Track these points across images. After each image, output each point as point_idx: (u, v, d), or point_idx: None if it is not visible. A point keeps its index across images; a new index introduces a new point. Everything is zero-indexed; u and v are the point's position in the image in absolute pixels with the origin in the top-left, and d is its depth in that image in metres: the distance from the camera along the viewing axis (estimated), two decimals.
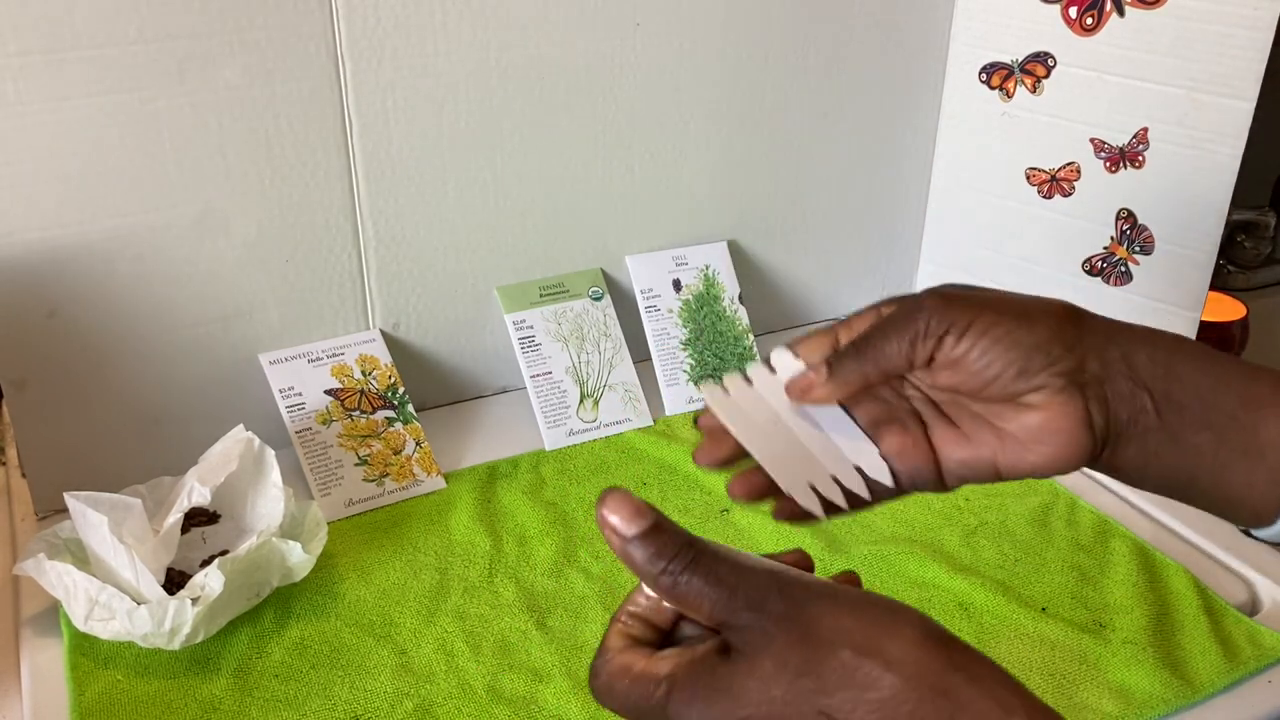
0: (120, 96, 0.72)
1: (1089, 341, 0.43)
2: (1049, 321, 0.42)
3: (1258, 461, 0.42)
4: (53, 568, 0.65)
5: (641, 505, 0.37)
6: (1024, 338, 0.42)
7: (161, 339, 0.80)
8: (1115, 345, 0.43)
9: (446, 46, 0.82)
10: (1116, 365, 0.42)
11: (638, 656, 0.38)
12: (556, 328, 0.92)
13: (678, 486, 0.84)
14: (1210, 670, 0.66)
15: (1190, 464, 0.43)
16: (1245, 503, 0.43)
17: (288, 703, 0.63)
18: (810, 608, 0.36)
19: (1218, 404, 0.42)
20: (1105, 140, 0.93)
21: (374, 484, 0.82)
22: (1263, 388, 0.43)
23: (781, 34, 0.95)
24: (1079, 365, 0.42)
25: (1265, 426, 0.42)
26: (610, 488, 0.37)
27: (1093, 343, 0.43)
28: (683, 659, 0.37)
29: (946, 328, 0.42)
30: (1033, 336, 0.42)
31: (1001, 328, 0.42)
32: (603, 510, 0.37)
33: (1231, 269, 1.27)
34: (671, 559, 0.36)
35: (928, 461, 0.44)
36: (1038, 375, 0.42)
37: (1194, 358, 0.43)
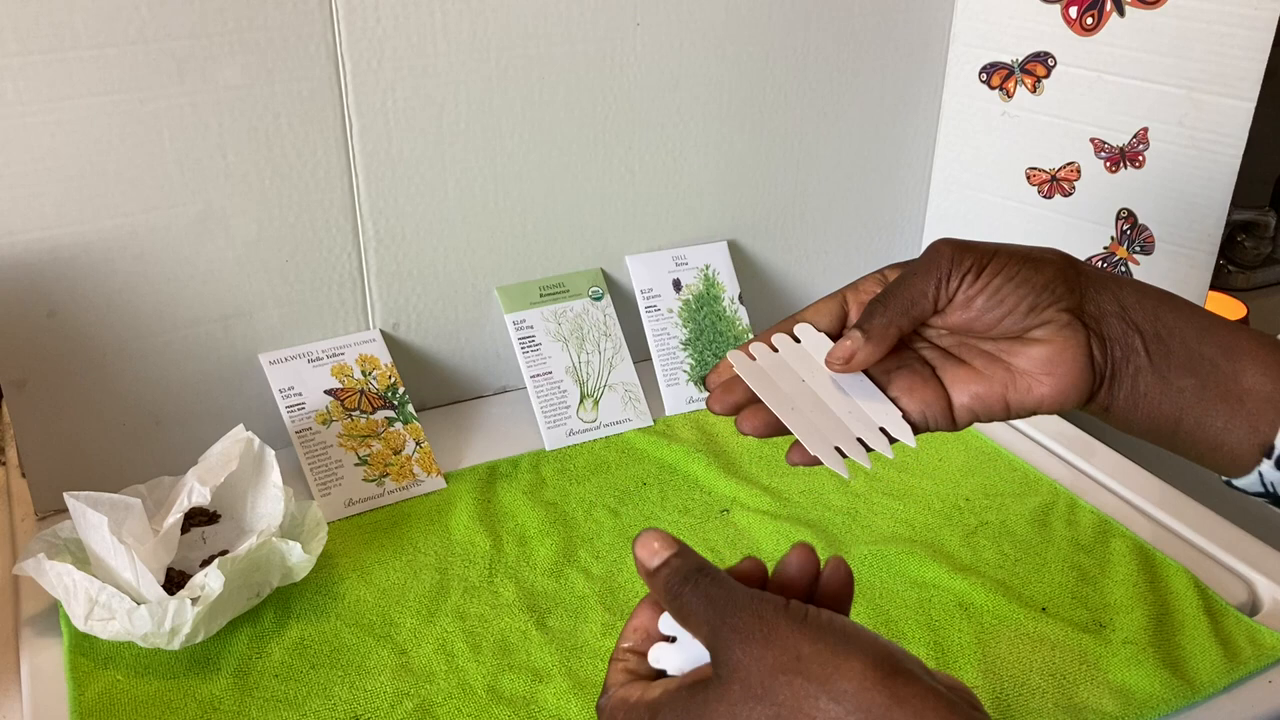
0: (120, 96, 0.72)
1: (1087, 284, 0.46)
2: (1054, 264, 0.46)
3: (1237, 407, 0.44)
4: (53, 568, 0.65)
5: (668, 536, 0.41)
6: (1033, 276, 0.45)
7: (161, 339, 0.80)
8: (1109, 290, 0.46)
9: (446, 46, 0.82)
10: (1111, 307, 0.46)
11: (634, 689, 0.40)
12: (556, 328, 0.92)
13: (678, 486, 0.84)
14: (1210, 670, 0.66)
15: (1176, 408, 0.45)
16: (1224, 448, 0.45)
17: (288, 703, 0.63)
18: (778, 634, 0.37)
19: (1201, 351, 0.45)
20: (1105, 140, 0.93)
21: (374, 484, 0.82)
22: (1243, 339, 0.45)
23: (781, 34, 0.95)
24: (1080, 304, 0.45)
25: (1245, 374, 0.44)
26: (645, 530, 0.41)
27: (1090, 286, 0.46)
28: (670, 685, 0.39)
29: (968, 268, 0.45)
30: (1041, 276, 0.45)
31: (1013, 267, 0.45)
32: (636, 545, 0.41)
33: (1232, 269, 1.27)
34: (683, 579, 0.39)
35: (939, 398, 0.47)
36: (1045, 310, 0.45)
37: (1179, 308, 0.46)
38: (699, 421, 0.92)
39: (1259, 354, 0.44)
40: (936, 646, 0.68)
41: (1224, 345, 0.45)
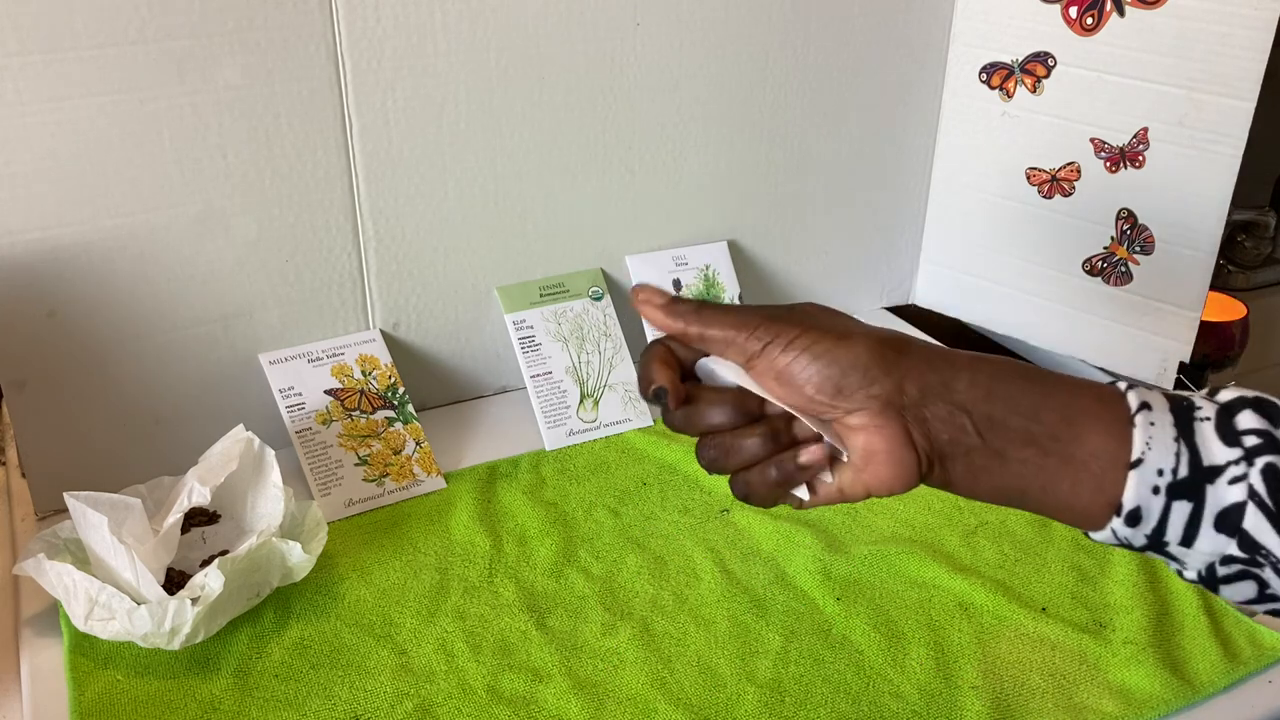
0: (120, 96, 0.72)
1: (908, 366, 0.45)
2: (868, 345, 0.45)
3: (1081, 472, 0.44)
4: (53, 568, 0.65)
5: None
6: (841, 357, 0.45)
7: (161, 339, 0.80)
8: (935, 371, 0.45)
9: (446, 46, 0.82)
10: (935, 390, 0.45)
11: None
12: (556, 328, 0.92)
13: (678, 486, 0.84)
14: (1210, 670, 0.66)
15: (1018, 478, 0.45)
16: (1074, 510, 0.45)
17: (288, 703, 0.63)
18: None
19: (1039, 420, 0.44)
20: (1105, 140, 0.93)
21: (374, 484, 0.82)
22: (1084, 400, 0.45)
23: (781, 34, 0.95)
24: (896, 389, 0.45)
25: (1087, 439, 0.44)
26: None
27: (911, 368, 0.45)
28: None
29: (773, 336, 0.45)
30: (850, 356, 0.45)
31: (821, 345, 0.45)
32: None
33: (1232, 269, 1.27)
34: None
35: None
36: (854, 395, 0.45)
37: (1016, 379, 0.45)
38: None
39: (1101, 414, 0.44)
40: (936, 646, 0.68)
41: (1064, 412, 0.44)
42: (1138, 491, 0.43)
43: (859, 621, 0.69)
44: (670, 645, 0.68)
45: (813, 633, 0.69)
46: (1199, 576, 0.45)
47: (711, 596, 0.72)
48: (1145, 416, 0.43)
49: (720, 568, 0.75)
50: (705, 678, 0.65)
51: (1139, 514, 0.43)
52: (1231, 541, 0.42)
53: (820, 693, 0.64)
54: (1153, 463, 0.43)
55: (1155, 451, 0.43)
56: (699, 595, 0.72)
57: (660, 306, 0.47)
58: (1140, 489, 0.43)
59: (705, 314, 0.47)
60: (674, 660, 0.67)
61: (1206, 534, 0.43)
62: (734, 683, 0.65)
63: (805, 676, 0.66)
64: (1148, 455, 0.43)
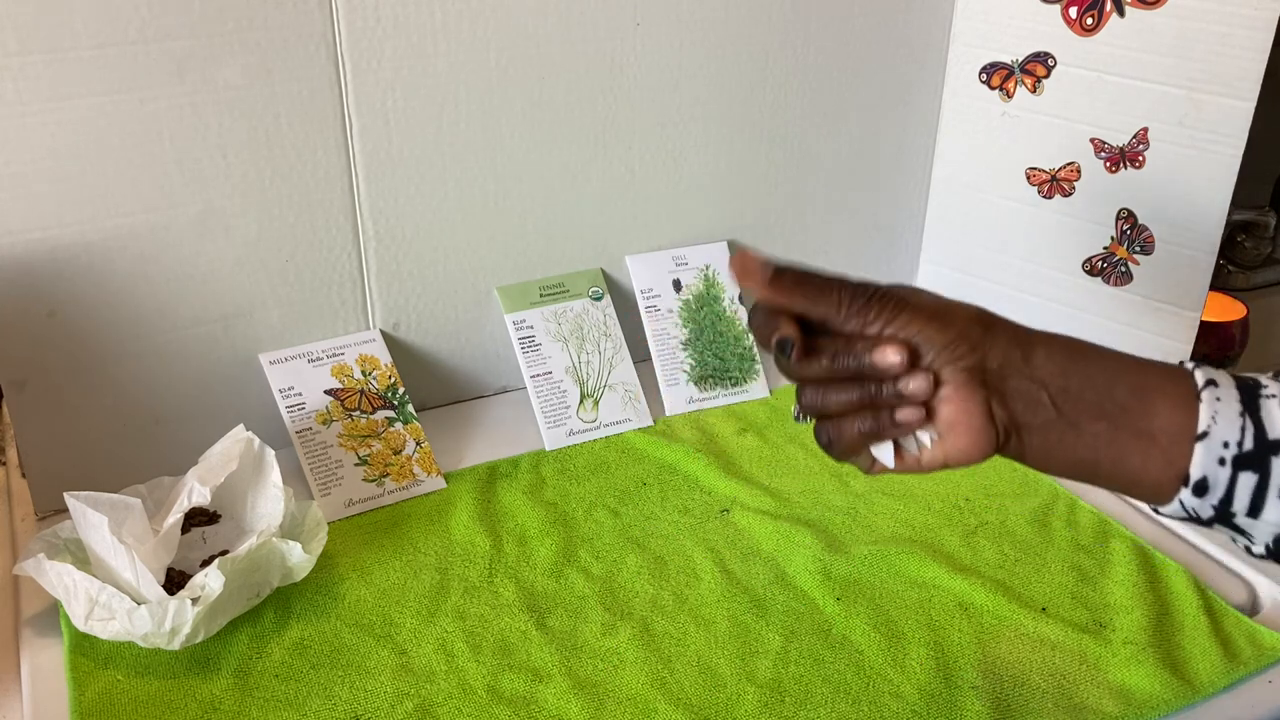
0: (120, 96, 0.72)
1: (992, 341, 0.47)
2: (959, 323, 0.47)
3: (1150, 445, 0.46)
4: (53, 568, 0.65)
5: None
6: (935, 336, 0.47)
7: (161, 339, 0.80)
8: (1016, 346, 0.48)
9: (446, 46, 0.82)
10: (1015, 364, 0.47)
11: None
12: (556, 328, 0.92)
13: (678, 487, 0.84)
14: (1210, 670, 0.66)
15: (1092, 451, 0.47)
16: (1144, 483, 0.47)
17: (288, 703, 0.63)
18: None
19: (1111, 395, 0.47)
20: (1105, 140, 0.93)
21: (374, 484, 0.82)
22: (1152, 377, 0.47)
23: (781, 34, 0.95)
24: (980, 363, 0.47)
25: (1156, 413, 0.46)
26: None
27: (995, 343, 0.47)
28: None
29: (873, 315, 0.47)
30: (944, 335, 0.47)
31: (915, 325, 0.47)
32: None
33: (1232, 269, 1.27)
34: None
35: None
36: (945, 369, 0.47)
37: (1089, 355, 0.48)
38: (699, 421, 0.92)
39: (1168, 390, 0.46)
40: (937, 646, 0.68)
41: (1135, 386, 0.47)
42: (1204, 463, 0.45)
43: (859, 621, 0.69)
44: (670, 645, 0.68)
45: (813, 633, 0.69)
46: (1267, 550, 0.47)
47: (711, 596, 0.72)
48: (1211, 392, 0.46)
49: (720, 568, 0.75)
50: (705, 678, 0.65)
51: (1206, 484, 0.45)
52: None
53: (820, 693, 0.64)
54: (1218, 435, 0.45)
55: (1221, 425, 0.45)
56: (699, 595, 0.72)
57: (763, 282, 0.48)
58: (1207, 460, 0.45)
59: (809, 290, 0.48)
60: (674, 660, 0.67)
61: (1273, 504, 0.45)
62: (734, 683, 0.65)
63: (805, 676, 0.66)
64: (1213, 428, 0.45)
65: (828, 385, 0.48)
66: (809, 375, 0.48)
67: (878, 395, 0.47)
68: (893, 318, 0.47)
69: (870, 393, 0.47)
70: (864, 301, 0.47)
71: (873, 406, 0.48)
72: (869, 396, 0.47)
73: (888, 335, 0.47)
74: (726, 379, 0.96)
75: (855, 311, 0.47)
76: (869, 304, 0.47)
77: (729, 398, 0.96)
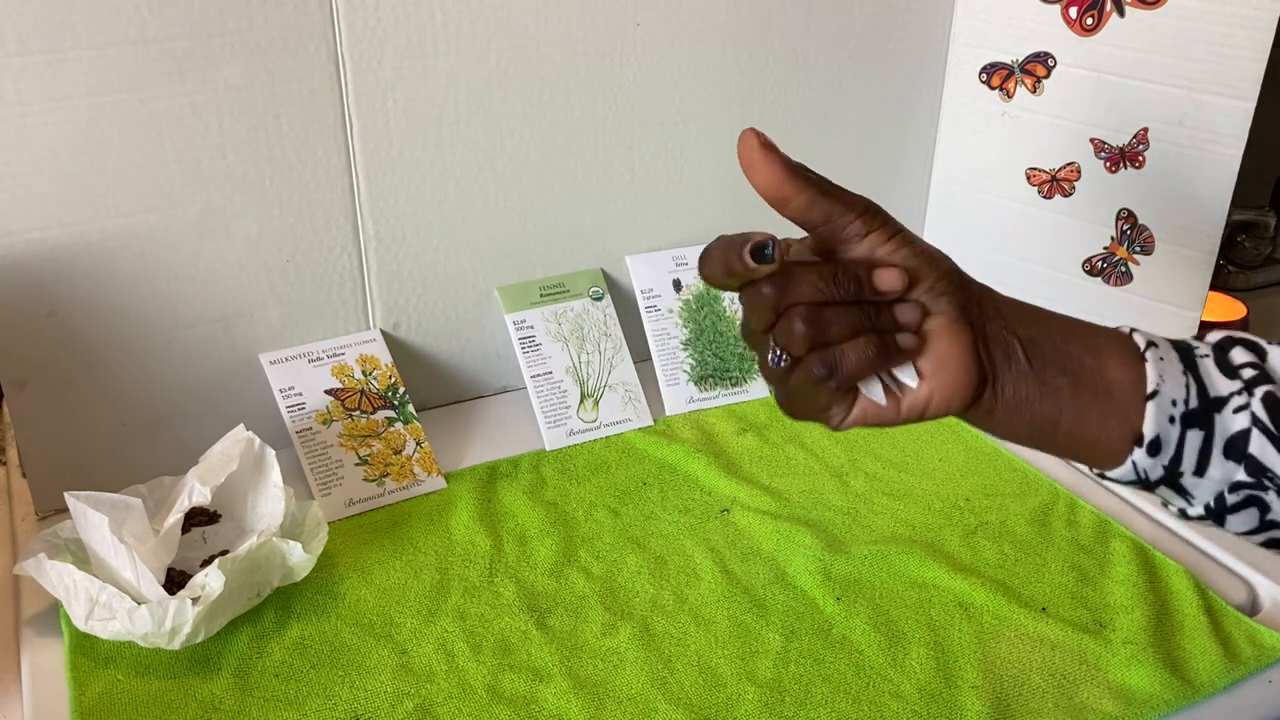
0: (120, 96, 0.72)
1: (970, 288, 0.46)
2: (945, 261, 0.46)
3: (1109, 402, 0.46)
4: (53, 568, 0.65)
5: None
6: (928, 269, 0.45)
7: (162, 339, 0.80)
8: (988, 296, 0.47)
9: (446, 46, 0.82)
10: (990, 311, 0.46)
11: None
12: (557, 328, 0.92)
13: (678, 487, 0.84)
14: (1210, 670, 0.66)
15: (1055, 407, 0.46)
16: (1100, 443, 0.46)
17: (288, 703, 0.63)
18: None
19: (1069, 351, 0.46)
20: (1105, 140, 0.93)
21: (374, 484, 0.82)
22: (1100, 336, 0.47)
23: (781, 34, 0.95)
24: (967, 303, 0.46)
25: (1109, 369, 0.46)
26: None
27: (974, 288, 0.47)
28: None
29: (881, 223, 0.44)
30: (935, 270, 0.45)
31: (918, 245, 0.45)
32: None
33: (1232, 269, 1.27)
34: None
35: None
36: (941, 298, 0.45)
37: (1041, 313, 0.48)
38: (699, 421, 0.92)
39: (1116, 349, 0.47)
40: (936, 647, 0.68)
41: (1087, 344, 0.47)
42: (1157, 421, 0.45)
43: (859, 621, 0.69)
44: (670, 645, 0.68)
45: (813, 632, 0.69)
46: (1206, 510, 0.47)
47: (711, 596, 0.72)
48: (1154, 353, 0.46)
49: (720, 567, 0.75)
50: (705, 678, 0.65)
51: (1159, 443, 0.45)
52: (1239, 467, 0.45)
53: (820, 693, 0.64)
54: (1167, 393, 0.45)
55: (1168, 383, 0.45)
56: (699, 595, 0.72)
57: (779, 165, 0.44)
58: (1160, 418, 0.45)
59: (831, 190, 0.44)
60: (674, 660, 0.67)
61: (1217, 461, 0.45)
62: (734, 683, 0.65)
63: (805, 676, 0.66)
64: (1162, 387, 0.45)
65: (822, 308, 0.43)
66: (799, 295, 0.43)
67: (877, 320, 0.44)
68: (900, 245, 0.44)
69: (870, 316, 0.44)
70: (882, 219, 0.44)
71: (875, 330, 0.44)
72: (870, 320, 0.44)
73: (883, 260, 0.44)
74: (726, 379, 0.96)
75: (874, 226, 0.44)
76: (885, 222, 0.44)
77: (729, 398, 0.96)
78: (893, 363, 0.45)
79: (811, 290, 0.43)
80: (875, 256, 0.44)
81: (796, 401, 0.46)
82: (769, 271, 0.43)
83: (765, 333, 0.45)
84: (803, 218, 0.45)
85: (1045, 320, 0.47)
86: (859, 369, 0.44)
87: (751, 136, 0.44)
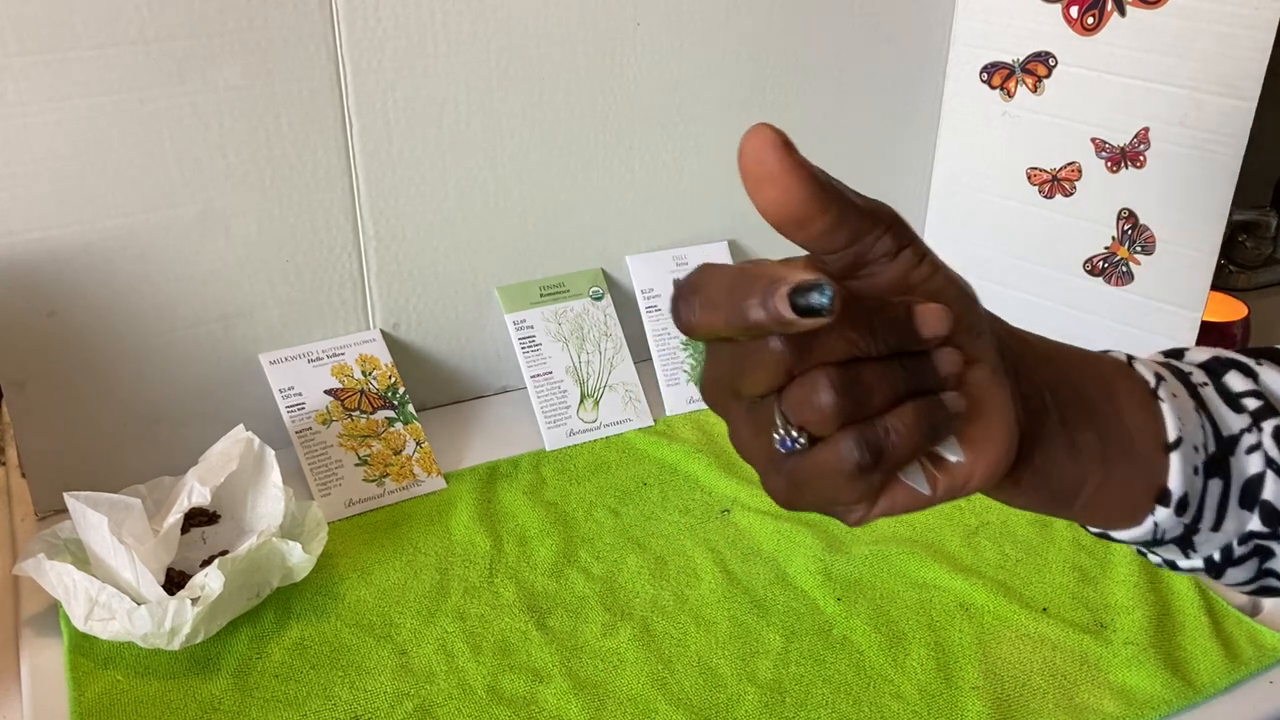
0: (120, 96, 0.72)
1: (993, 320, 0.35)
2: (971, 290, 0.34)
3: (1132, 456, 0.37)
4: (52, 568, 0.65)
5: None
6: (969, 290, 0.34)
7: (161, 339, 0.80)
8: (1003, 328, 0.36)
9: (446, 46, 0.82)
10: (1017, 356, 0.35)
11: None
12: (557, 328, 0.92)
13: (678, 487, 0.84)
14: (1211, 671, 0.66)
15: (1081, 470, 0.36)
16: (1121, 505, 0.38)
17: (288, 703, 0.63)
18: None
19: (1089, 395, 0.36)
20: (1106, 140, 0.93)
21: (374, 484, 0.82)
22: (1107, 369, 0.38)
23: (782, 34, 0.95)
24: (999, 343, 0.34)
25: (1125, 414, 0.37)
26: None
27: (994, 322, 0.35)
28: None
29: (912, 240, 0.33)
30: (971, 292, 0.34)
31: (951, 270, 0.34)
32: None
33: (1233, 269, 1.27)
34: None
35: None
36: (978, 340, 0.33)
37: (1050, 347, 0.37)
38: (699, 421, 0.92)
39: (1125, 385, 0.38)
40: (937, 647, 0.68)
41: (1098, 382, 0.37)
42: (1183, 474, 0.37)
43: (859, 622, 0.69)
44: (671, 645, 0.68)
45: (813, 633, 0.69)
46: (1207, 563, 0.40)
47: (712, 597, 0.72)
48: (1165, 389, 0.37)
49: (721, 568, 0.75)
50: (706, 678, 0.65)
51: (1186, 500, 0.37)
52: (1253, 516, 0.38)
53: (821, 693, 0.64)
54: (1190, 440, 0.37)
55: (1189, 427, 0.37)
56: (699, 595, 0.72)
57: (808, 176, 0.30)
58: (1185, 471, 0.37)
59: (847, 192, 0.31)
60: (674, 660, 0.67)
61: (1233, 512, 0.38)
62: (734, 683, 0.65)
63: (806, 677, 0.65)
64: (1184, 433, 0.37)
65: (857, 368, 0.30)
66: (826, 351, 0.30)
67: (924, 376, 0.31)
68: (931, 269, 0.33)
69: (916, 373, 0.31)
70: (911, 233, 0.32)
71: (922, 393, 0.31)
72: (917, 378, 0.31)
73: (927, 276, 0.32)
74: None
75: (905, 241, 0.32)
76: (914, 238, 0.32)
77: None
78: (945, 435, 0.32)
79: (844, 344, 0.30)
80: (906, 284, 0.32)
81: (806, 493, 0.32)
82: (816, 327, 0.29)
83: (762, 398, 0.32)
84: (821, 243, 0.32)
85: (1059, 358, 0.37)
86: (911, 449, 0.31)
87: (766, 133, 0.30)
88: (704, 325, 0.30)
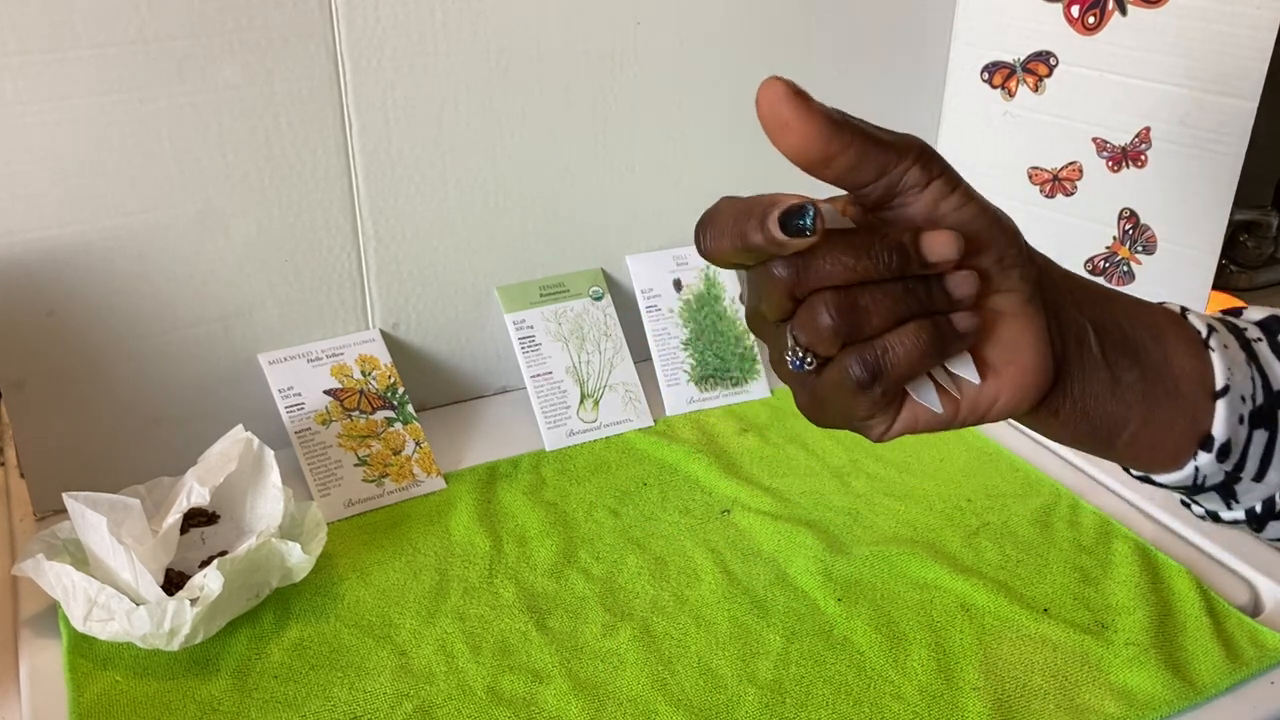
0: (120, 96, 0.72)
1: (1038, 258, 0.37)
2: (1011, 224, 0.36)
3: (1177, 399, 0.38)
4: (51, 568, 0.65)
5: None
6: (1008, 224, 0.35)
7: (161, 339, 0.80)
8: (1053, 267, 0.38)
9: (446, 46, 0.82)
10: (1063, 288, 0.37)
11: None
12: (557, 328, 0.92)
13: (678, 487, 0.84)
14: (1212, 671, 0.66)
15: (1124, 406, 0.38)
16: (1162, 445, 0.39)
17: (287, 704, 0.63)
18: None
19: (1137, 337, 0.38)
20: (1107, 139, 0.93)
21: (374, 484, 0.81)
22: (1160, 318, 0.40)
23: (782, 33, 0.95)
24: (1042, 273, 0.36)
25: (1173, 358, 0.39)
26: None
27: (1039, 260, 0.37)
28: None
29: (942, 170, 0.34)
30: (1012, 227, 0.35)
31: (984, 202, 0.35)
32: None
33: (1234, 269, 1.27)
34: None
35: None
36: (1012, 271, 0.35)
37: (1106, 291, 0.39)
38: (699, 422, 0.92)
39: (1177, 332, 0.39)
40: (938, 648, 0.67)
41: (1150, 328, 0.39)
42: (1228, 421, 0.38)
43: (860, 622, 0.69)
44: (671, 646, 0.68)
45: (814, 634, 0.69)
46: (1248, 514, 0.41)
47: (712, 597, 0.72)
48: (1217, 339, 0.39)
49: (721, 568, 0.75)
50: (706, 679, 0.65)
51: (1229, 447, 0.39)
52: None
53: (821, 694, 0.64)
54: (1237, 389, 0.39)
55: (1237, 376, 0.39)
56: (699, 596, 0.72)
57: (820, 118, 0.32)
58: (1230, 418, 0.38)
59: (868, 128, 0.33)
60: (674, 661, 0.66)
61: (1276, 463, 0.39)
62: (734, 684, 0.65)
63: (806, 677, 0.65)
64: (1232, 381, 0.38)
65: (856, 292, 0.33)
66: (824, 276, 0.32)
67: (927, 299, 0.33)
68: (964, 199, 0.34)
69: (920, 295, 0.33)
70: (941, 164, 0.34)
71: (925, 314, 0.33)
72: (919, 301, 0.33)
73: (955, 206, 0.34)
74: (727, 379, 0.96)
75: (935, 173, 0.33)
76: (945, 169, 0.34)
77: (729, 398, 0.95)
78: (950, 354, 0.34)
79: (840, 268, 0.32)
80: (937, 214, 0.34)
81: (827, 409, 0.36)
82: (804, 247, 0.32)
83: (781, 323, 0.35)
84: (850, 178, 0.33)
85: (1109, 300, 0.39)
86: (909, 368, 0.34)
87: (778, 85, 0.33)
88: (717, 251, 0.34)
